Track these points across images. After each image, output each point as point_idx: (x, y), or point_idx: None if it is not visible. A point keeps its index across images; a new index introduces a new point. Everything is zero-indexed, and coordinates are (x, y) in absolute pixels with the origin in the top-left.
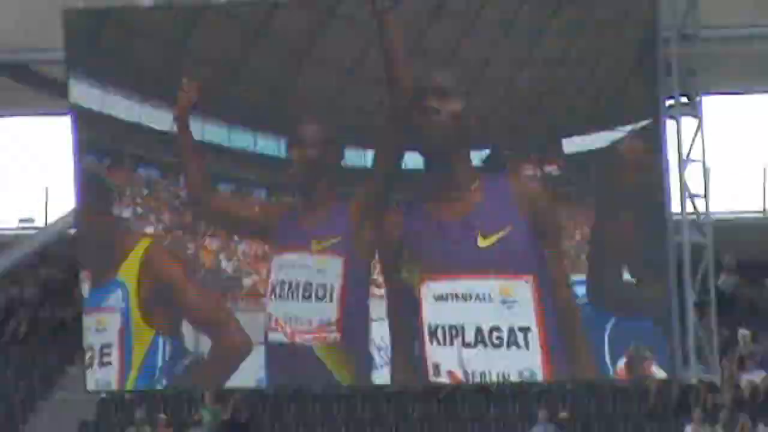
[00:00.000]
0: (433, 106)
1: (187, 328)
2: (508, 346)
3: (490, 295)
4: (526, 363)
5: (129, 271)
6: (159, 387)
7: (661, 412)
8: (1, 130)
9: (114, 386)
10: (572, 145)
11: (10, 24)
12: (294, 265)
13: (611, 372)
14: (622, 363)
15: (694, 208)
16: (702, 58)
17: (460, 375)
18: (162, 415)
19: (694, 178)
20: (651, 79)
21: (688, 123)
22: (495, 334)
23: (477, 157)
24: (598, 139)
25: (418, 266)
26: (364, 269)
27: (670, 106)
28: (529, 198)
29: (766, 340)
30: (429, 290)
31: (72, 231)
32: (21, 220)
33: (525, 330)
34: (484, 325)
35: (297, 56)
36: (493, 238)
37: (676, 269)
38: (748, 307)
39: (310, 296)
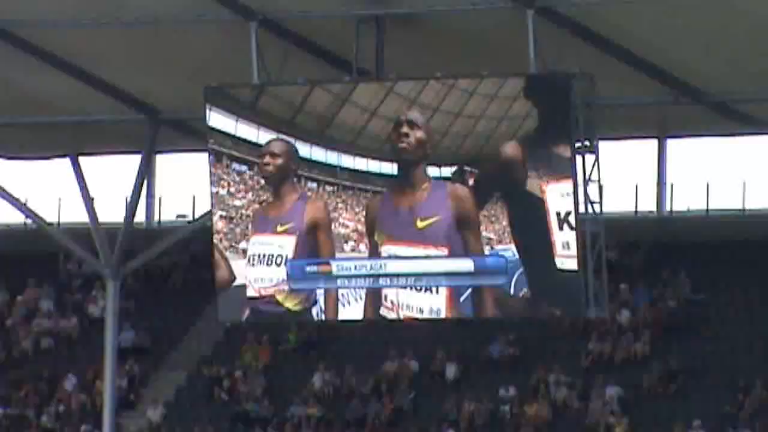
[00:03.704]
0: (406, 131)
1: None
2: (426, 291)
3: (419, 257)
4: (435, 304)
5: None
6: None
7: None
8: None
9: None
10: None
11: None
12: (263, 243)
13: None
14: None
15: (593, 210)
16: (598, 116)
17: (397, 307)
18: None
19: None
20: (566, 131)
21: (589, 158)
22: (420, 282)
23: (447, 171)
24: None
25: (382, 234)
26: (310, 244)
27: (578, 147)
28: (458, 199)
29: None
30: (386, 249)
31: (209, 223)
32: (178, 215)
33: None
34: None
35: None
36: (428, 222)
37: (583, 248)
38: (626, 271)
39: (271, 264)
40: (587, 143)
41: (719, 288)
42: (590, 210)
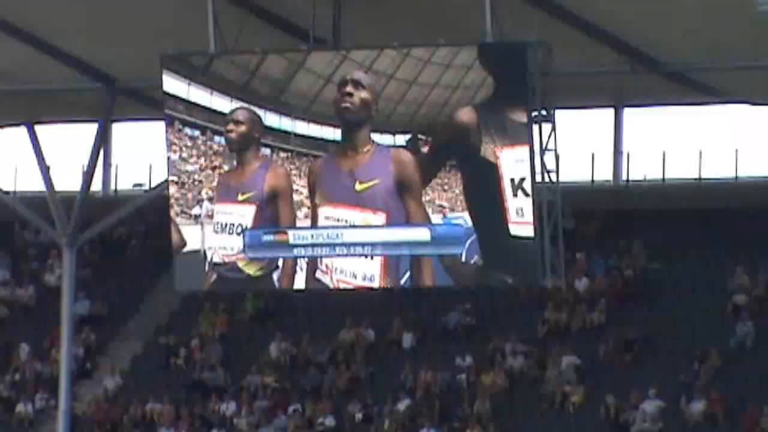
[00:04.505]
0: (350, 90)
1: None
2: (361, 256)
3: (355, 222)
4: (369, 270)
5: None
6: None
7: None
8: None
9: None
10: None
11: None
12: (225, 212)
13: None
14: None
15: (549, 178)
16: (554, 86)
17: (331, 271)
18: None
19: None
20: (522, 97)
21: (546, 127)
22: (354, 249)
23: (401, 139)
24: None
25: (321, 195)
26: (270, 213)
27: (535, 116)
28: (400, 163)
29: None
30: (323, 211)
31: (165, 192)
32: (134, 184)
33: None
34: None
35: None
36: (366, 185)
37: (539, 217)
38: (583, 240)
39: (232, 233)
40: (544, 112)
41: (675, 257)
42: (547, 179)
